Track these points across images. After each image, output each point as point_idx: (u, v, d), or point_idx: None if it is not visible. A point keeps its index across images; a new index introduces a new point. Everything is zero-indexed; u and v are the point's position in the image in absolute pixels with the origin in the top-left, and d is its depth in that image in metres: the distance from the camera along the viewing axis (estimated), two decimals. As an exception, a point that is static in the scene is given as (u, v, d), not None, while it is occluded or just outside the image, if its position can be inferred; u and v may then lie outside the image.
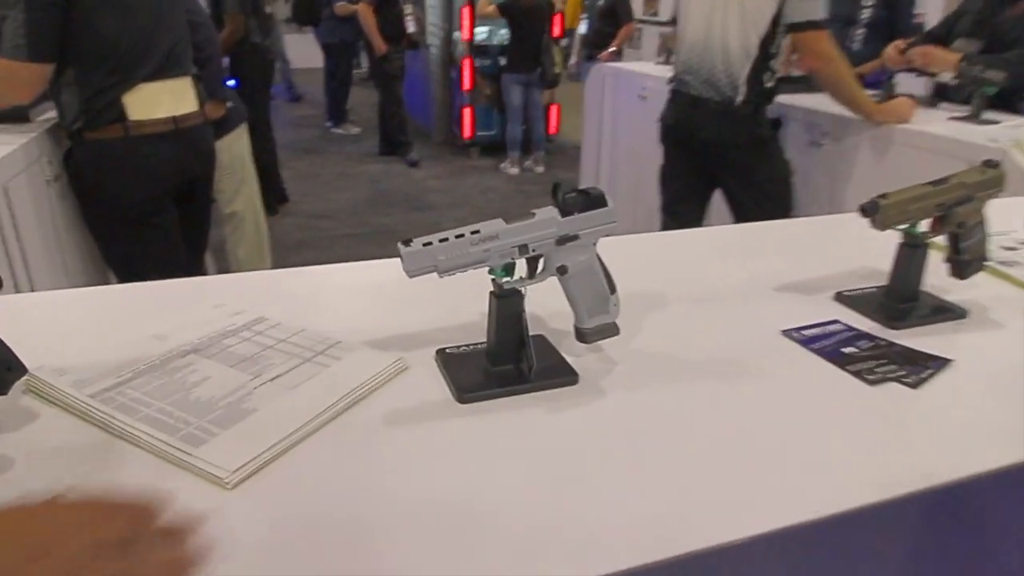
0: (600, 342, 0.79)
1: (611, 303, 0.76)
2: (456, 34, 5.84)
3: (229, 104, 2.83)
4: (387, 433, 0.66)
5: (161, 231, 2.07)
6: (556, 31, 5.59)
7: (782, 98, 2.46)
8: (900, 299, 0.91)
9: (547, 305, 0.82)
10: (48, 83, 1.76)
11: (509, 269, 0.72)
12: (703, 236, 1.25)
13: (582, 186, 0.73)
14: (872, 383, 0.75)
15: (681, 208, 2.51)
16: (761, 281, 1.00)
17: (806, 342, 0.83)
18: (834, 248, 1.14)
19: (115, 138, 1.87)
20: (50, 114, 1.99)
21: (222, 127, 2.82)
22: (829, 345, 0.82)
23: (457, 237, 0.67)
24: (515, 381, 0.72)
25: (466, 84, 5.78)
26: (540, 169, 5.58)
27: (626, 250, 1.13)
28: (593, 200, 0.71)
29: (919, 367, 0.78)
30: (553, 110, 5.96)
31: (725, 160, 2.30)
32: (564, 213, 0.70)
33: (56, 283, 1.89)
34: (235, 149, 2.96)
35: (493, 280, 0.72)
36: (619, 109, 3.87)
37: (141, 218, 2.00)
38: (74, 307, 0.94)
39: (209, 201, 2.35)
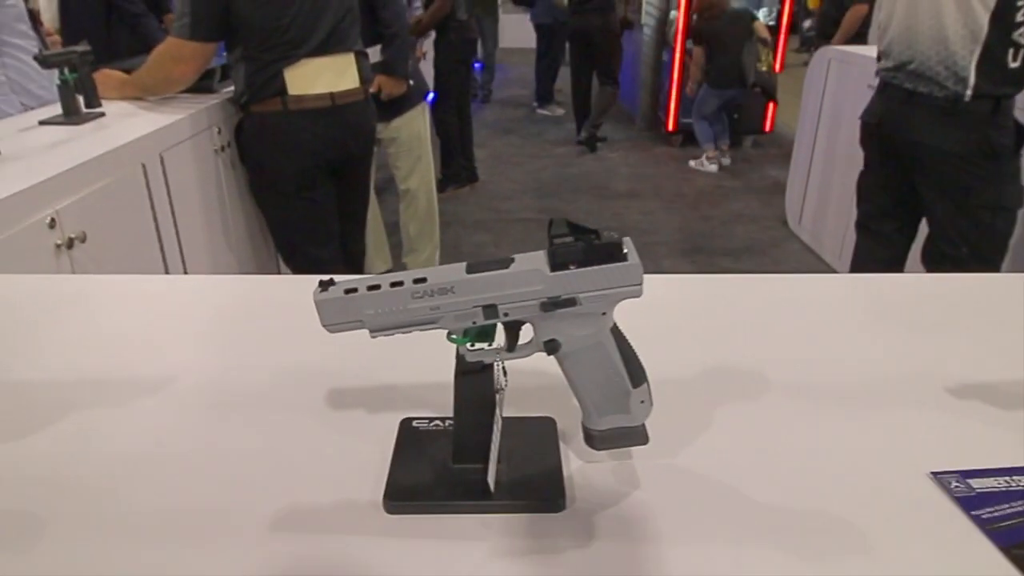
0: (628, 448, 0.55)
1: (634, 400, 0.51)
2: (673, 13, 5.45)
3: (410, 82, 2.82)
4: (265, 537, 0.49)
5: (314, 204, 2.10)
6: (763, 33, 4.99)
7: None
8: None
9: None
10: (208, 62, 1.85)
11: (483, 333, 0.50)
12: (858, 285, 0.89)
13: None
14: (1074, 615, 0.43)
15: (883, 227, 2.02)
16: (931, 375, 0.67)
17: (968, 502, 0.51)
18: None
19: (275, 112, 1.92)
20: (231, 87, 2.09)
21: (402, 105, 2.84)
22: (1011, 516, 0.50)
23: (393, 285, 0.48)
24: (472, 492, 0.51)
25: (676, 67, 5.37)
26: (726, 161, 5.03)
27: (715, 295, 0.84)
28: (601, 250, 0.47)
29: None
30: (768, 107, 5.35)
31: (937, 173, 1.77)
32: (555, 265, 0.47)
33: (215, 250, 1.99)
34: (414, 127, 2.97)
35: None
36: (842, 99, 3.30)
37: (295, 190, 2.04)
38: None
39: (366, 178, 2.36)
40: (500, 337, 0.51)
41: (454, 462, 0.53)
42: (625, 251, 0.47)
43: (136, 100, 1.98)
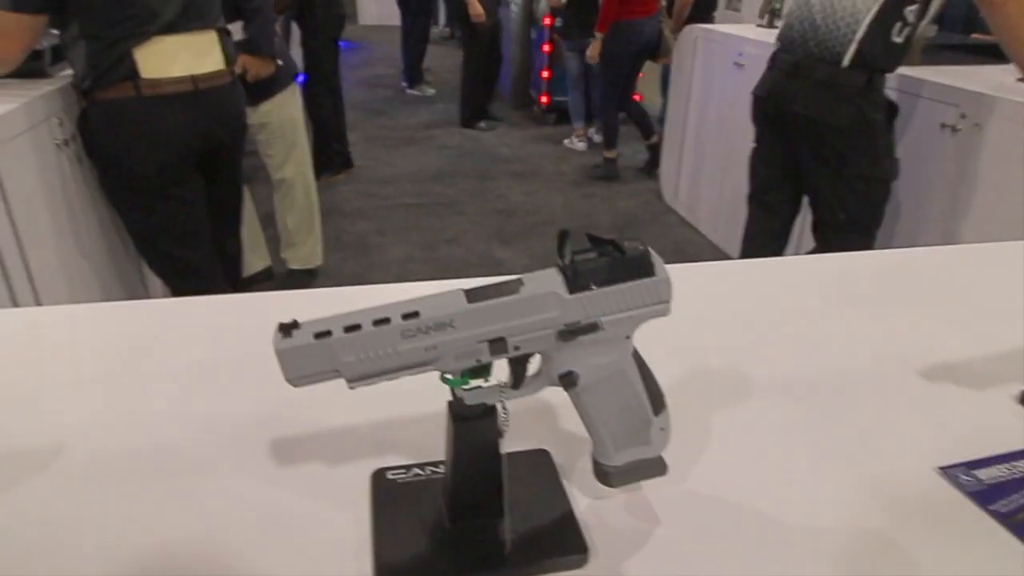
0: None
1: (654, 428, 0.45)
2: (540, -11, 5.43)
3: (279, 62, 2.60)
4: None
5: (180, 203, 1.88)
6: None
7: (912, 71, 2.01)
8: None
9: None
10: (36, 39, 1.59)
11: (478, 370, 0.42)
12: (800, 267, 0.90)
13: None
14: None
15: (772, 198, 2.12)
16: (904, 358, 0.66)
17: (982, 496, 0.50)
18: (1009, 302, 0.78)
19: (126, 98, 1.68)
20: (70, 71, 1.81)
21: (271, 87, 2.61)
22: (1024, 507, 0.49)
23: (377, 324, 0.38)
24: (482, 558, 0.43)
25: (545, 45, 5.38)
26: (597, 139, 5.12)
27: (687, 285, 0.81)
28: (628, 265, 0.40)
29: None
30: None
31: (817, 144, 1.89)
32: (574, 287, 0.40)
33: (67, 261, 1.73)
34: (285, 111, 2.75)
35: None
36: (711, 77, 3.43)
37: (158, 188, 1.81)
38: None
39: (238, 169, 2.15)
40: (501, 370, 0.43)
41: (451, 521, 0.45)
42: (653, 263, 0.40)
43: (-52, 87, 1.66)
